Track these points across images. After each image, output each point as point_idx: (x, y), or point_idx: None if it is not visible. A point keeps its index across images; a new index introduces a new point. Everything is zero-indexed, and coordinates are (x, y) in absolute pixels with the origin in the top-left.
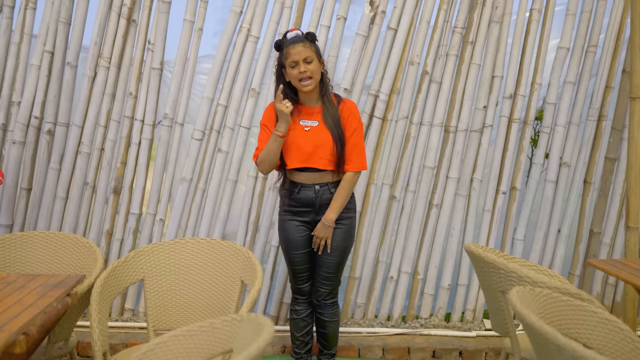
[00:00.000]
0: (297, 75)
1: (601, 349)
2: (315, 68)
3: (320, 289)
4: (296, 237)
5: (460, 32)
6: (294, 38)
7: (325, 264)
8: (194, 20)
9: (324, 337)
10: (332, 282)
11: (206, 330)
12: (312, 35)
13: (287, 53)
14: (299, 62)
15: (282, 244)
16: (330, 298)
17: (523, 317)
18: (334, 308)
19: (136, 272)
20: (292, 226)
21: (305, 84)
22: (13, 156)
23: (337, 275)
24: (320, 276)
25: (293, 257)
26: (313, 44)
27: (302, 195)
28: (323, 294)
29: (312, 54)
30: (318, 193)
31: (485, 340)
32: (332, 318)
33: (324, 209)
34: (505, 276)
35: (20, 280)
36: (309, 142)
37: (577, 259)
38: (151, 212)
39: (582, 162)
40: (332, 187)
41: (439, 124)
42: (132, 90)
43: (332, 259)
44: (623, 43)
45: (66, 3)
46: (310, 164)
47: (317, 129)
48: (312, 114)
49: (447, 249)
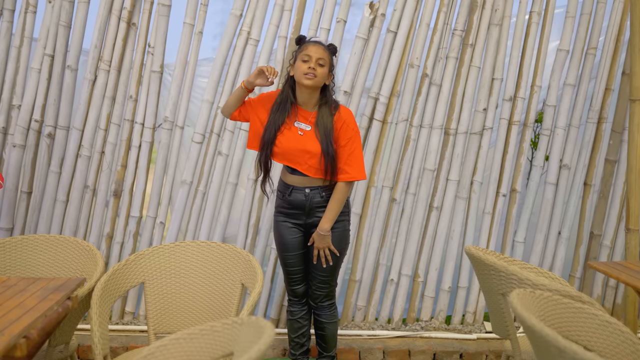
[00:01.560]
0: (305, 70)
1: (602, 351)
2: (324, 72)
3: (316, 292)
4: (289, 239)
5: (460, 34)
6: (318, 40)
7: (319, 268)
8: (194, 23)
9: (322, 338)
10: (328, 285)
11: (207, 334)
12: (333, 47)
13: (306, 47)
14: (312, 58)
15: (276, 244)
16: (327, 300)
17: (524, 320)
18: (332, 309)
19: (137, 275)
20: (285, 228)
21: (309, 77)
22: (13, 160)
23: (332, 278)
24: (315, 279)
25: (286, 258)
26: (332, 55)
27: (293, 197)
28: (320, 297)
29: (327, 60)
30: (308, 196)
31: (485, 342)
32: (330, 319)
33: (314, 212)
34: (506, 279)
35: (20, 284)
36: (299, 146)
37: (577, 262)
38: (151, 215)
39: (582, 164)
40: (323, 191)
41: (439, 126)
42: (133, 94)
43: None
44: (623, 45)
45: (66, 6)
46: (297, 167)
47: (310, 134)
48: (307, 118)
49: (448, 251)
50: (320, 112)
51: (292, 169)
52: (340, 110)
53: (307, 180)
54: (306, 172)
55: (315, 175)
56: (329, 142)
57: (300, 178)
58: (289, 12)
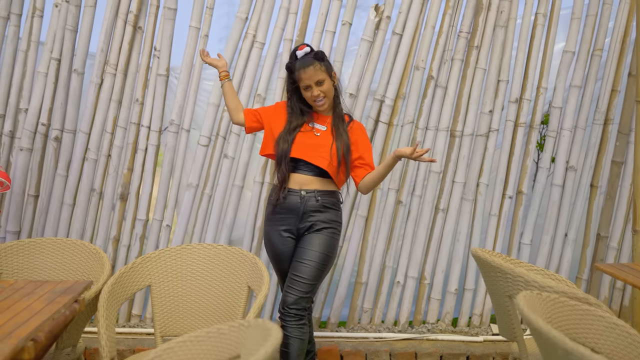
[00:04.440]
0: (311, 97)
1: (609, 353)
2: (328, 88)
3: (287, 295)
4: (282, 249)
5: (465, 36)
6: (304, 60)
7: (299, 269)
8: (199, 26)
9: (285, 357)
10: (301, 291)
11: (213, 336)
12: (321, 54)
13: (299, 77)
14: (312, 85)
15: (270, 255)
16: (295, 306)
17: (530, 322)
18: (300, 321)
19: (143, 278)
20: (278, 236)
21: (320, 104)
22: (20, 163)
23: (309, 284)
24: (291, 281)
25: (282, 269)
26: (323, 62)
27: (288, 200)
28: (288, 302)
29: (323, 75)
30: (303, 199)
31: (492, 345)
32: (295, 334)
33: (307, 216)
34: (512, 281)
35: (28, 287)
36: (315, 140)
37: (584, 263)
38: (158, 218)
39: (588, 165)
40: (319, 195)
41: (445, 128)
42: (139, 97)
43: (310, 263)
44: (629, 46)
45: (73, 11)
46: (308, 158)
47: (326, 133)
48: (324, 121)
49: (454, 253)
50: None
51: (293, 167)
52: (355, 121)
53: (307, 180)
54: (320, 164)
55: (328, 168)
56: (345, 138)
57: (300, 177)
58: (295, 15)
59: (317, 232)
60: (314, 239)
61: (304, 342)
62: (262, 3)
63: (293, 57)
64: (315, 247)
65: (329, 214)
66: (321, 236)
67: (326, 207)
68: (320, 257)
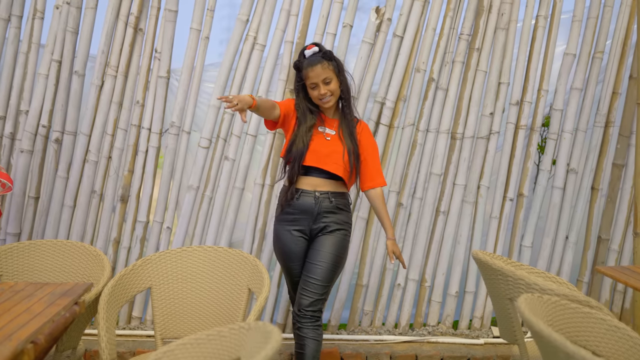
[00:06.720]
0: (317, 96)
1: (610, 356)
2: (334, 87)
3: (303, 298)
4: (293, 248)
5: (466, 39)
6: (312, 59)
7: (314, 271)
8: (200, 28)
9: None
10: (317, 293)
11: (214, 339)
12: (329, 54)
13: (306, 75)
14: (319, 83)
15: (279, 255)
16: (311, 308)
17: (531, 325)
18: (316, 322)
19: (143, 280)
20: (289, 236)
21: (326, 101)
22: (21, 165)
23: (323, 285)
24: (305, 283)
25: (291, 268)
26: (331, 61)
27: (302, 201)
28: (304, 304)
29: (330, 74)
30: (318, 200)
31: (493, 347)
32: (311, 335)
33: (321, 217)
34: (513, 283)
35: (28, 289)
36: (328, 147)
37: (585, 266)
38: (158, 220)
39: (589, 168)
40: (332, 196)
41: (446, 130)
42: (139, 99)
43: (324, 265)
44: (630, 49)
45: (73, 12)
46: (322, 165)
47: (335, 138)
48: (332, 124)
49: (455, 256)
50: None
51: (305, 170)
52: (362, 122)
53: (320, 182)
54: (335, 171)
55: (343, 174)
56: (354, 142)
57: (313, 180)
58: (295, 17)
59: (330, 233)
60: (327, 240)
61: (319, 343)
62: (263, 5)
63: (301, 55)
64: (328, 248)
65: (342, 216)
66: (334, 238)
67: (339, 208)
68: (334, 259)
